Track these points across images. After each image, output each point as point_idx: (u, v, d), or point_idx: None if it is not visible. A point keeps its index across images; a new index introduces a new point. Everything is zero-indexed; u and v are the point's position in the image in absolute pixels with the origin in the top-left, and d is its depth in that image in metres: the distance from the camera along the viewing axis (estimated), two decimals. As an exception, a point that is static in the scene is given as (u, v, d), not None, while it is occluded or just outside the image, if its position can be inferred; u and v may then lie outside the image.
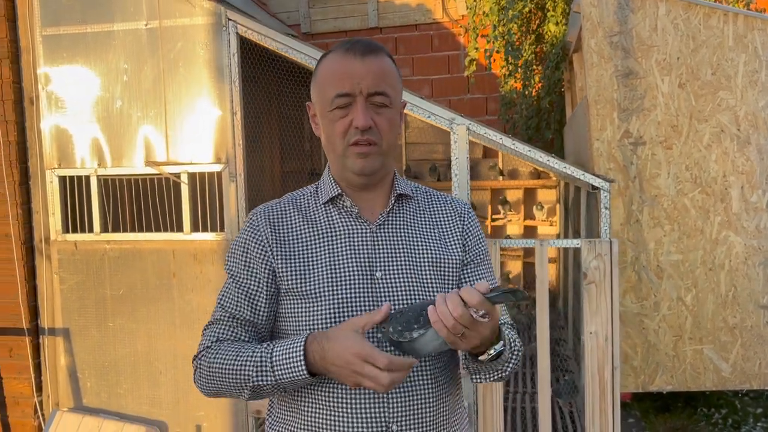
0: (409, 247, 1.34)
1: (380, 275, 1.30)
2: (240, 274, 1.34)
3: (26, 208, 3.67)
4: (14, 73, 3.61)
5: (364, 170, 1.30)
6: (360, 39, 1.32)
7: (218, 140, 3.39)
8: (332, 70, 1.29)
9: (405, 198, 1.40)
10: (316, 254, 1.32)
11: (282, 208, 1.38)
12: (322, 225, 1.35)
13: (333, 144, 1.31)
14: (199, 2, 3.34)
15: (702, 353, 3.71)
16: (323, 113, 1.31)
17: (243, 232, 1.37)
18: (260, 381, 1.22)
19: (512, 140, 3.17)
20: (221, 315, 1.35)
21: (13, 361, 3.75)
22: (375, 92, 1.27)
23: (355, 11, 6.85)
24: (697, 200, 3.65)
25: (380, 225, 1.35)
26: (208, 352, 1.31)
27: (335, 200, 1.36)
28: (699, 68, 3.60)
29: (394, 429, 1.27)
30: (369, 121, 1.26)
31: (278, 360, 1.21)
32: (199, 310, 3.47)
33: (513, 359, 1.34)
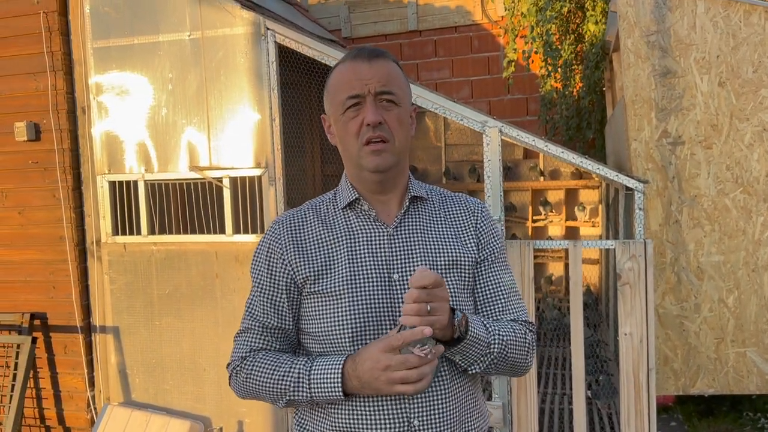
0: (424, 248, 1.39)
1: (397, 277, 1.35)
2: (264, 282, 1.40)
3: (79, 211, 3.86)
4: (68, 84, 3.81)
5: (378, 167, 1.35)
6: (365, 46, 1.39)
7: (258, 145, 3.50)
8: (342, 77, 1.36)
9: (419, 200, 1.46)
10: (336, 257, 1.37)
11: (302, 215, 1.44)
12: (341, 229, 1.40)
13: (348, 146, 1.37)
14: (239, 13, 3.47)
15: (745, 356, 3.64)
16: (337, 119, 1.37)
17: (265, 240, 1.42)
18: (296, 396, 1.32)
19: (545, 142, 3.18)
20: (251, 324, 1.42)
21: (68, 358, 3.94)
22: (383, 91, 1.33)
23: (395, 15, 6.92)
24: (739, 200, 3.59)
25: (396, 227, 1.40)
26: (244, 363, 1.39)
27: (353, 204, 1.41)
28: (739, 66, 3.54)
29: (416, 424, 1.31)
30: (379, 116, 1.31)
31: (315, 380, 1.29)
32: (240, 309, 3.59)
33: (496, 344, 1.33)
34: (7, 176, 3.96)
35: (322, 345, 1.36)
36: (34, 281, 3.96)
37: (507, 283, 1.46)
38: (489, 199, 3.22)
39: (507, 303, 1.44)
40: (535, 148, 3.23)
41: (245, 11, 3.47)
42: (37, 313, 3.96)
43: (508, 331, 1.38)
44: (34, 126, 3.85)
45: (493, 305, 1.44)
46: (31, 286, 3.97)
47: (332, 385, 1.27)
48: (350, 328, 1.32)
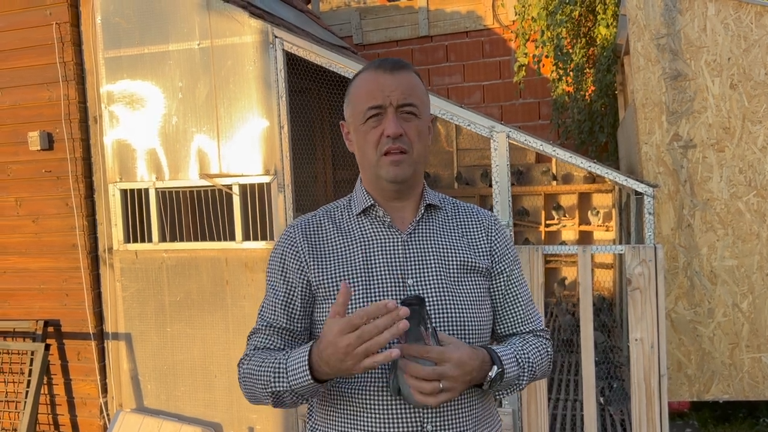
0: (438, 254, 1.40)
1: (412, 282, 1.36)
2: (277, 285, 1.42)
3: (91, 219, 3.90)
4: (80, 94, 3.86)
5: (396, 177, 1.36)
6: (388, 58, 1.41)
7: (267, 153, 3.52)
8: (364, 86, 1.37)
9: (434, 208, 1.47)
10: (350, 262, 1.38)
11: (317, 220, 1.45)
12: (356, 234, 1.41)
13: (366, 155, 1.39)
14: (248, 21, 3.49)
15: (760, 361, 3.59)
16: (356, 127, 1.39)
17: (280, 244, 1.44)
18: (277, 387, 1.29)
19: (553, 146, 3.17)
20: (260, 324, 1.44)
21: (81, 364, 3.98)
22: (404, 104, 1.35)
23: (406, 21, 6.93)
24: (752, 204, 3.54)
25: (410, 234, 1.42)
26: (244, 360, 1.41)
27: (368, 211, 1.44)
28: (751, 68, 3.50)
29: (428, 429, 1.31)
30: (399, 128, 1.33)
31: (291, 368, 1.26)
32: (251, 316, 3.61)
33: (527, 372, 1.38)
34: (21, 185, 4.01)
35: None
36: (48, 289, 4.00)
37: (523, 293, 1.49)
38: (497, 203, 3.21)
39: (525, 314, 1.48)
40: (543, 152, 3.22)
41: (254, 20, 3.49)
42: (50, 320, 4.01)
43: (534, 354, 1.41)
44: (47, 135, 3.90)
45: (512, 317, 1.47)
46: (44, 294, 4.02)
47: (303, 373, 1.24)
48: None
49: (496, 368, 1.29)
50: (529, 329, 1.48)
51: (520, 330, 1.48)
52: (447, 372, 1.18)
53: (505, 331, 1.48)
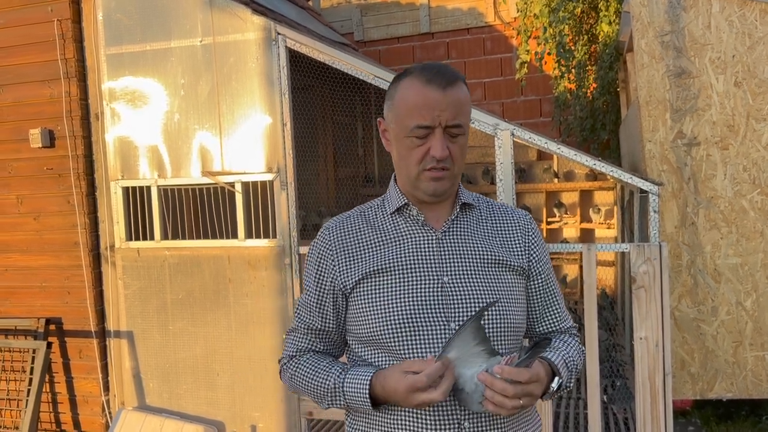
0: (473, 252, 1.41)
1: (448, 280, 1.37)
2: (312, 287, 1.46)
3: (93, 217, 3.89)
4: (81, 91, 3.84)
5: (436, 192, 1.38)
6: (439, 68, 1.36)
7: (269, 150, 3.51)
8: (413, 100, 1.33)
9: (468, 207, 1.47)
10: (385, 260, 1.39)
11: (352, 221, 1.47)
12: (390, 233, 1.42)
13: (407, 167, 1.38)
14: (250, 18, 3.47)
15: (764, 360, 3.59)
16: (399, 137, 1.38)
17: (315, 246, 1.47)
18: (335, 404, 1.40)
19: (557, 144, 3.15)
20: (298, 324, 1.51)
21: (83, 362, 3.97)
22: (453, 125, 1.33)
23: (407, 17, 6.91)
24: (756, 202, 3.53)
25: (445, 232, 1.42)
26: (290, 362, 1.50)
27: (402, 210, 1.44)
28: (756, 66, 3.48)
29: (466, 426, 1.32)
30: (446, 151, 1.33)
31: (348, 392, 1.35)
32: (253, 314, 3.60)
33: (573, 377, 1.43)
34: (22, 183, 4.00)
35: (371, 347, 1.39)
36: (50, 286, 3.99)
37: (557, 292, 1.53)
38: (501, 201, 3.19)
39: (560, 312, 1.53)
40: (547, 150, 3.21)
41: (256, 17, 3.47)
42: (52, 318, 4.00)
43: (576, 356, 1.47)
44: (49, 133, 3.89)
45: (550, 317, 1.52)
46: (46, 292, 4.00)
47: (363, 400, 1.33)
48: (401, 330, 1.34)
49: (557, 379, 1.34)
50: (565, 327, 1.54)
51: (557, 328, 1.53)
52: (533, 391, 1.24)
53: (543, 330, 1.52)
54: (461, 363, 1.24)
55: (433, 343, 1.32)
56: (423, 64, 1.39)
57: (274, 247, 3.54)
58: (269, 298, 3.56)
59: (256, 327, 3.60)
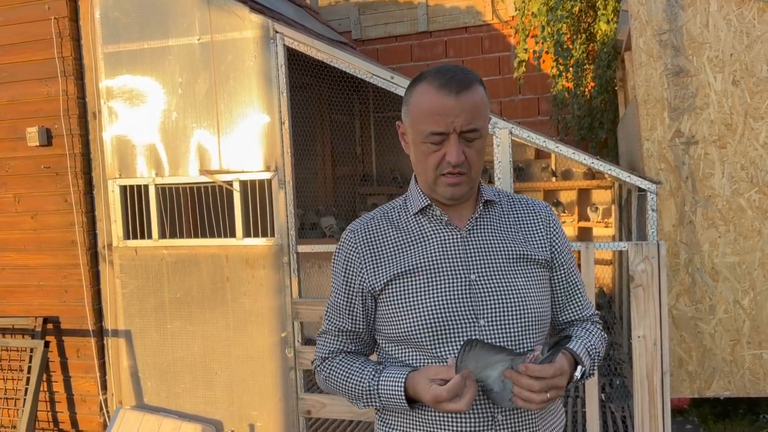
0: (498, 249, 1.42)
1: (475, 277, 1.39)
2: (340, 290, 1.48)
3: (90, 216, 3.88)
4: (78, 89, 3.83)
5: (453, 197, 1.39)
6: (453, 72, 1.34)
7: (267, 149, 3.50)
8: (426, 106, 1.33)
9: (490, 203, 1.48)
10: (412, 261, 1.40)
11: (376, 223, 1.48)
12: (416, 234, 1.44)
13: (425, 171, 1.39)
14: (248, 16, 3.47)
15: (761, 358, 3.59)
16: (415, 142, 1.38)
17: (341, 249, 1.49)
18: (371, 405, 1.43)
19: (556, 142, 3.15)
20: (328, 327, 1.54)
21: (80, 361, 3.96)
22: (468, 129, 1.33)
23: (405, 16, 6.90)
24: (754, 200, 3.54)
25: (470, 230, 1.43)
26: (324, 365, 1.53)
27: (425, 210, 1.45)
28: (754, 65, 3.49)
29: (499, 419, 1.35)
30: (461, 157, 1.33)
31: (384, 393, 1.38)
32: (251, 313, 3.59)
33: (595, 364, 1.46)
34: (20, 181, 3.99)
35: (402, 346, 1.42)
36: (47, 285, 3.98)
37: (579, 281, 1.55)
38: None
39: (583, 300, 1.55)
40: (546, 148, 3.21)
41: (254, 15, 3.47)
42: (49, 317, 3.99)
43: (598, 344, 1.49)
44: (46, 131, 3.88)
45: (573, 306, 1.54)
46: (44, 291, 4.00)
47: (399, 401, 1.36)
48: (432, 329, 1.36)
49: (580, 368, 1.35)
50: (588, 315, 1.56)
51: (580, 317, 1.55)
52: (558, 384, 1.26)
53: (567, 319, 1.54)
54: (484, 368, 1.27)
55: (463, 340, 1.35)
56: (437, 67, 1.37)
57: (272, 245, 3.53)
58: (267, 297, 3.56)
59: (254, 326, 3.59)
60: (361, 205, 6.21)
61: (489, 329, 1.35)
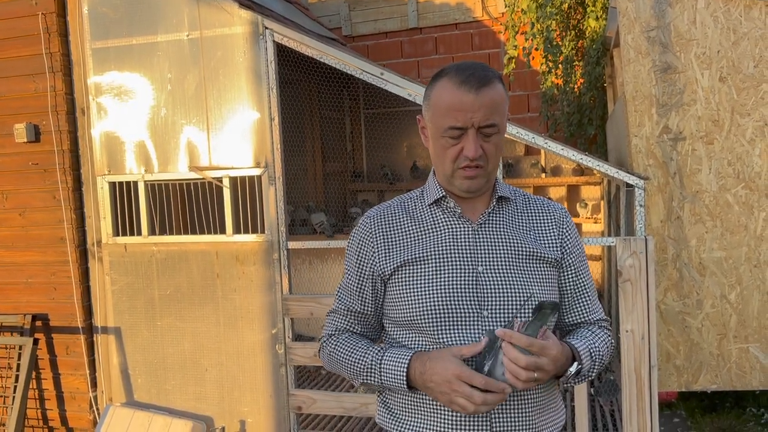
0: (508, 244, 1.45)
1: (482, 269, 1.42)
2: (352, 272, 1.53)
3: (79, 213, 3.87)
4: (67, 85, 3.81)
5: (470, 189, 1.43)
6: (474, 68, 1.37)
7: (257, 145, 3.50)
8: (447, 102, 1.37)
9: (504, 200, 1.51)
10: (423, 249, 1.44)
11: (392, 210, 1.53)
12: (428, 223, 1.48)
13: (443, 164, 1.43)
14: (238, 12, 3.46)
15: (748, 352, 3.63)
16: (435, 135, 1.42)
17: (357, 233, 1.54)
18: (369, 381, 1.46)
19: (545, 139, 3.17)
20: (338, 306, 1.58)
21: (70, 358, 3.95)
22: (486, 125, 1.36)
23: (395, 12, 6.90)
24: (741, 196, 3.57)
25: (481, 224, 1.47)
26: (330, 340, 1.57)
27: (439, 201, 1.49)
28: (740, 61, 3.52)
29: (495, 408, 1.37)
30: (479, 151, 1.37)
31: (385, 370, 1.41)
32: (241, 309, 3.59)
33: (596, 365, 1.45)
34: (7, 178, 3.96)
35: (407, 330, 1.45)
36: (36, 283, 3.96)
37: (590, 284, 1.57)
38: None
39: (591, 303, 1.56)
40: (534, 144, 3.22)
41: (243, 10, 3.46)
42: (38, 315, 3.97)
43: (603, 347, 1.49)
44: (34, 127, 3.86)
45: (580, 308, 1.55)
46: (32, 288, 3.98)
47: (398, 379, 1.39)
48: (436, 315, 1.39)
49: (576, 365, 1.37)
50: (595, 319, 1.56)
51: (587, 320, 1.55)
52: (543, 365, 1.26)
53: (574, 321, 1.55)
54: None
55: (466, 328, 1.38)
56: (458, 63, 1.41)
57: (263, 242, 3.53)
58: (258, 293, 3.56)
59: (244, 322, 3.59)
60: (352, 201, 6.21)
61: (492, 320, 1.37)
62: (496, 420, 1.37)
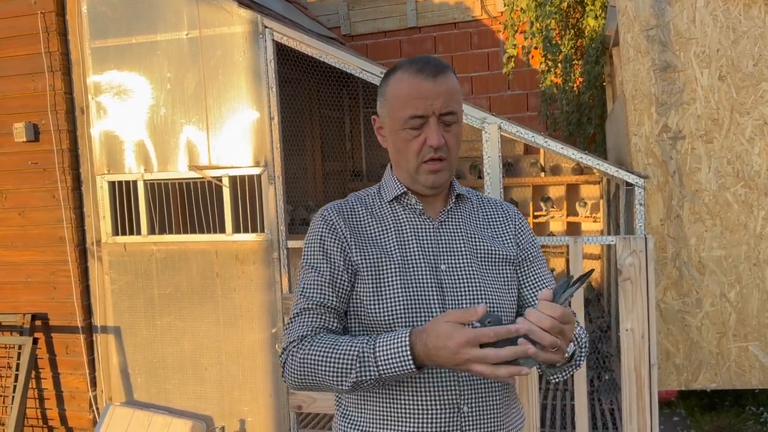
0: (468, 242, 1.45)
1: (445, 268, 1.41)
2: (320, 265, 1.40)
3: (79, 212, 3.86)
4: (66, 85, 3.80)
5: (435, 184, 1.41)
6: (427, 59, 1.39)
7: (257, 144, 3.50)
8: (405, 91, 1.36)
9: (462, 198, 1.52)
10: (387, 247, 1.42)
11: (350, 205, 1.48)
12: (389, 220, 1.45)
13: (406, 160, 1.41)
14: (237, 11, 3.46)
15: (747, 350, 3.63)
16: (394, 130, 1.40)
17: (316, 227, 1.45)
18: (363, 375, 1.25)
19: (544, 138, 3.17)
20: (308, 304, 1.39)
21: (69, 358, 3.95)
22: (446, 112, 1.36)
23: (394, 11, 6.90)
24: (740, 194, 3.57)
25: (442, 222, 1.46)
26: (302, 344, 1.34)
27: (400, 198, 1.47)
28: (740, 60, 3.52)
29: (465, 410, 1.36)
30: (442, 140, 1.36)
31: (382, 355, 1.23)
32: (241, 308, 3.59)
33: (582, 354, 1.45)
34: (6, 177, 3.96)
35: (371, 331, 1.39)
36: (35, 282, 3.96)
37: (549, 279, 1.54)
38: (489, 195, 3.21)
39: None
40: (534, 143, 3.22)
41: (243, 10, 3.45)
42: (38, 314, 3.97)
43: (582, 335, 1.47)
44: (33, 127, 3.85)
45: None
46: (31, 287, 3.97)
47: (402, 360, 1.22)
48: (402, 316, 1.35)
49: (572, 345, 1.34)
50: None
51: None
52: (566, 332, 1.17)
53: None
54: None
55: None
56: (411, 58, 1.41)
57: (262, 241, 3.53)
58: (257, 293, 3.56)
59: (244, 321, 3.59)
60: (351, 200, 6.19)
61: None
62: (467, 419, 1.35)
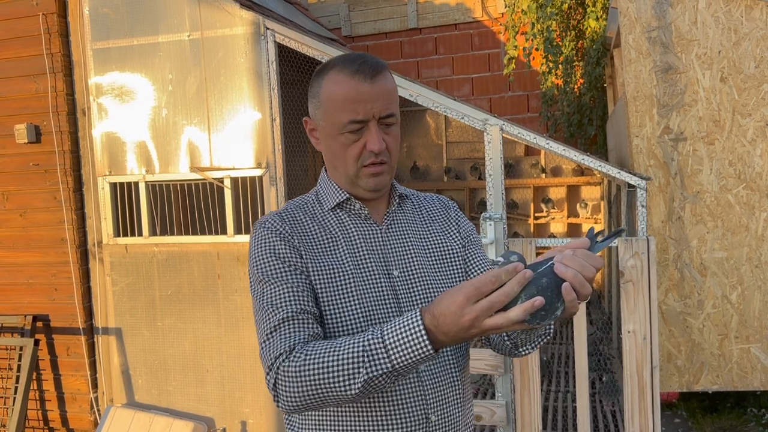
0: (416, 244, 1.41)
1: (397, 273, 1.36)
2: (282, 273, 1.28)
3: (80, 213, 3.86)
4: (67, 86, 3.80)
5: (377, 187, 1.35)
6: (363, 57, 1.32)
7: (259, 145, 3.50)
8: (342, 94, 1.28)
9: (403, 197, 1.48)
10: (338, 257, 1.34)
11: (291, 214, 1.37)
12: (336, 229, 1.37)
13: (344, 165, 1.33)
14: (239, 12, 3.46)
15: (749, 352, 3.63)
16: (331, 134, 1.32)
17: (262, 238, 1.32)
18: (374, 371, 1.11)
19: (546, 139, 3.17)
20: (286, 315, 1.24)
21: (71, 359, 3.94)
22: (386, 115, 1.30)
23: (395, 13, 6.90)
24: (742, 196, 3.57)
25: (388, 225, 1.42)
26: (291, 355, 1.19)
27: (343, 204, 1.39)
28: (741, 61, 3.52)
29: (433, 419, 1.32)
30: (383, 144, 1.30)
31: (394, 343, 1.11)
32: (242, 309, 3.59)
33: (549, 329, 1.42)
34: (8, 179, 3.96)
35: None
36: (36, 283, 3.96)
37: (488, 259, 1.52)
38: (491, 196, 3.21)
39: None
40: (536, 145, 3.22)
41: (245, 11, 3.46)
42: (39, 315, 3.96)
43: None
44: (35, 128, 3.85)
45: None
46: (33, 289, 3.97)
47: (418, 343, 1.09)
48: (359, 325, 1.29)
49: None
50: None
51: None
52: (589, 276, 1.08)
53: None
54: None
55: None
56: (343, 54, 1.34)
57: (264, 242, 3.53)
58: (259, 294, 3.55)
59: (245, 323, 3.59)
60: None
61: None
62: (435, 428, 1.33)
